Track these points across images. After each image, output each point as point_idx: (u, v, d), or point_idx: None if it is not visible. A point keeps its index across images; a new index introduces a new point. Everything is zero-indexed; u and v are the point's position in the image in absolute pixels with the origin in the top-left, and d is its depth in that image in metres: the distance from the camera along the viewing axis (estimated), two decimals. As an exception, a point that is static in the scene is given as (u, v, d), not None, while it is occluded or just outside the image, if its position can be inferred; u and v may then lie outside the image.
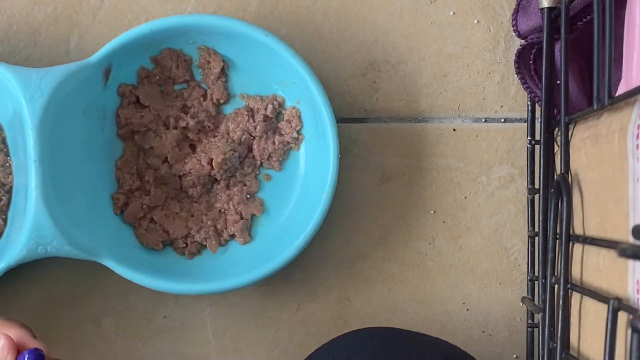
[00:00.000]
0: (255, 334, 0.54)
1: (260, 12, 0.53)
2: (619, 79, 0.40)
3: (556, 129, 0.47)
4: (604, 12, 0.38)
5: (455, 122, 0.53)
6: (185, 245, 0.52)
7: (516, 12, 0.50)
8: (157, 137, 0.52)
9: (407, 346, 0.44)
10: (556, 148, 0.47)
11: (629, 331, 0.32)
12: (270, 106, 0.52)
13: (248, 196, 0.53)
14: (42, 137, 0.47)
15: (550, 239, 0.44)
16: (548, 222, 0.45)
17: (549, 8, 0.45)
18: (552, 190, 0.44)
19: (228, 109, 0.53)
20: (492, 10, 0.53)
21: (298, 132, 0.52)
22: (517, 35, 0.50)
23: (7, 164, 0.49)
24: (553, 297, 0.44)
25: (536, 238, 0.50)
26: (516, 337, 0.53)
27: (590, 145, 0.41)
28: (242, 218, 0.52)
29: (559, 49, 0.45)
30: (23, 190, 0.49)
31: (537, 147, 0.50)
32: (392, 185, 0.54)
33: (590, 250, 0.41)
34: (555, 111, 0.47)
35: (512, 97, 0.53)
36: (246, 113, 0.52)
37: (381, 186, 0.54)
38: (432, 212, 0.54)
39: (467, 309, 0.54)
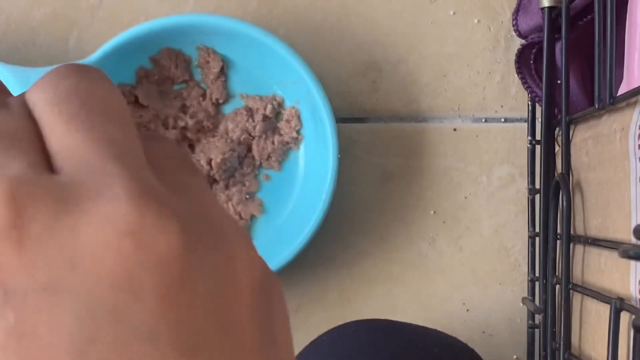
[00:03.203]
0: (254, 334, 0.54)
1: (259, 11, 0.53)
2: (620, 80, 0.40)
3: (557, 129, 0.47)
4: (605, 11, 0.38)
5: (455, 122, 0.53)
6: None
7: (517, 11, 0.50)
8: (156, 137, 0.52)
9: (409, 338, 0.44)
10: (557, 148, 0.47)
11: (632, 331, 0.32)
12: (269, 106, 0.52)
13: (247, 196, 0.53)
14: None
15: (551, 239, 0.44)
16: (549, 222, 0.45)
17: (549, 7, 0.45)
18: (553, 191, 0.44)
19: (227, 109, 0.53)
20: (493, 9, 0.53)
21: (297, 132, 0.52)
22: (517, 35, 0.50)
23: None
24: (554, 298, 0.44)
25: (537, 238, 0.50)
26: (517, 338, 0.53)
27: (591, 146, 0.41)
28: (241, 218, 0.52)
29: (559, 48, 0.45)
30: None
31: (537, 147, 0.50)
32: (392, 186, 0.53)
33: (592, 250, 0.41)
34: (556, 111, 0.47)
35: (513, 96, 0.53)
36: (245, 113, 0.52)
37: (381, 186, 0.53)
38: (432, 212, 0.53)
39: (468, 310, 0.53)
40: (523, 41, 0.49)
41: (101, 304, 0.14)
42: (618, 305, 0.34)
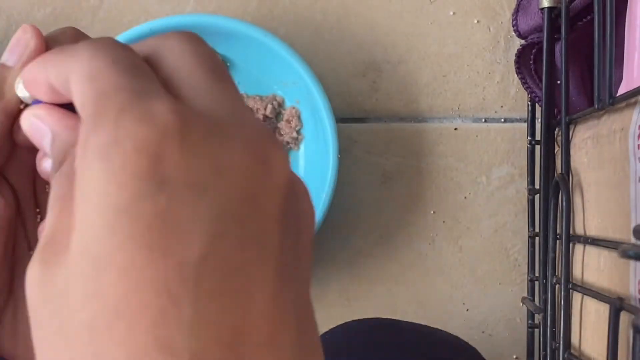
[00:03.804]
0: (254, 334, 0.54)
1: (259, 12, 0.53)
2: (620, 80, 0.40)
3: (556, 129, 0.47)
4: (604, 12, 0.38)
5: (455, 122, 0.53)
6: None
7: (516, 12, 0.50)
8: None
9: (410, 337, 0.44)
10: (556, 148, 0.47)
11: (631, 331, 0.32)
12: (269, 106, 0.52)
13: (247, 196, 0.53)
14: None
15: (551, 239, 0.44)
16: (548, 222, 0.45)
17: (549, 8, 0.45)
18: (553, 191, 0.44)
19: (227, 109, 0.53)
20: (492, 10, 0.53)
21: (297, 132, 0.52)
22: (517, 35, 0.50)
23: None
24: (554, 298, 0.44)
25: (536, 238, 0.50)
26: (516, 338, 0.53)
27: (591, 146, 0.41)
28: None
29: (559, 48, 0.45)
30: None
31: (537, 147, 0.50)
32: (392, 186, 0.54)
33: (591, 250, 0.41)
34: (555, 111, 0.47)
35: (512, 97, 0.53)
36: (246, 113, 0.52)
37: (381, 186, 0.54)
38: (432, 212, 0.54)
39: (467, 310, 0.54)
40: (523, 41, 0.49)
41: (233, 209, 0.18)
42: (618, 305, 0.34)
